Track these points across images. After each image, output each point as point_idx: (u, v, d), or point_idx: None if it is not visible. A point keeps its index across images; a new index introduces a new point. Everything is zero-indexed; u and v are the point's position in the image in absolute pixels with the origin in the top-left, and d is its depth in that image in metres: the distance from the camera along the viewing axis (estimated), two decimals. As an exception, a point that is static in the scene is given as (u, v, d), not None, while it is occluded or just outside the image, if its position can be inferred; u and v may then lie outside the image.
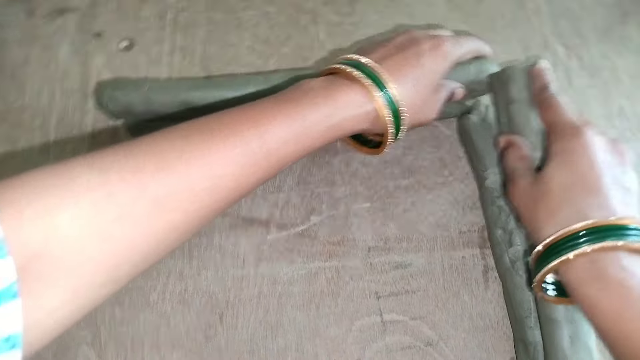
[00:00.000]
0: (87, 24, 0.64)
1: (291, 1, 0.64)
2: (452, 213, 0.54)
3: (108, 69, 0.61)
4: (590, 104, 0.58)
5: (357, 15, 0.63)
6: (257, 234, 0.54)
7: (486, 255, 0.52)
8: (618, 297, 0.36)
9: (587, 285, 0.37)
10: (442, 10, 0.63)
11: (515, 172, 0.45)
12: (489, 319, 0.50)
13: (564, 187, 0.40)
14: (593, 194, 0.39)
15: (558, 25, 0.62)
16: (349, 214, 0.54)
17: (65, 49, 0.62)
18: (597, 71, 0.60)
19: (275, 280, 0.52)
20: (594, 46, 0.61)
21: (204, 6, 0.64)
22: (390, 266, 0.52)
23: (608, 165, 0.41)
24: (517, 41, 0.61)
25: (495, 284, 0.51)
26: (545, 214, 0.41)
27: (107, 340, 0.50)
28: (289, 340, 0.50)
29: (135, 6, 0.64)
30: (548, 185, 0.41)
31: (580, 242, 0.38)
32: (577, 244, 0.38)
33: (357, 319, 0.51)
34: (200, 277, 0.52)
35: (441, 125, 0.57)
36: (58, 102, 0.60)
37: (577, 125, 0.43)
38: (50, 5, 0.65)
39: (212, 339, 0.50)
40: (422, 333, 0.50)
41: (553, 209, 0.40)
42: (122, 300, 0.52)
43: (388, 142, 0.45)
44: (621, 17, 0.62)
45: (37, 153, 0.57)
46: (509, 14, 0.62)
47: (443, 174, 0.55)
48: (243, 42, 0.62)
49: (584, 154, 0.41)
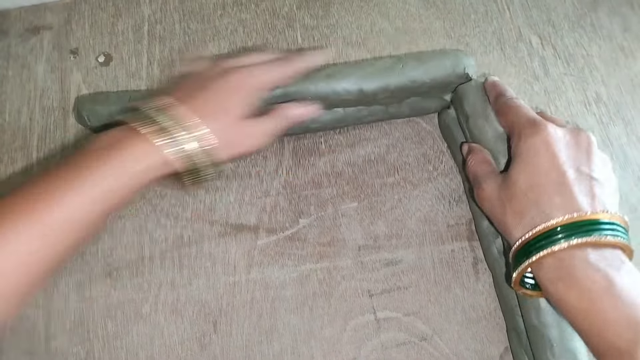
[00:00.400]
0: (62, 41, 0.63)
1: (266, 7, 0.64)
2: (439, 207, 0.54)
3: (87, 84, 0.61)
4: (567, 91, 0.59)
5: (332, 17, 0.63)
6: (246, 240, 0.54)
7: (475, 247, 0.53)
8: (584, 293, 0.36)
9: (555, 284, 0.38)
10: (416, 8, 0.63)
11: (479, 177, 0.45)
12: (482, 310, 0.51)
13: (528, 188, 0.40)
14: (558, 192, 0.39)
15: (531, 16, 0.63)
16: (337, 215, 0.54)
17: (42, 67, 0.62)
18: (572, 59, 0.60)
19: (267, 284, 0.52)
20: (567, 35, 0.62)
21: (179, 17, 0.64)
22: (381, 264, 0.52)
23: (572, 158, 0.41)
24: (492, 34, 0.62)
25: (485, 276, 0.52)
26: (513, 216, 0.41)
27: (100, 355, 0.50)
28: (284, 344, 0.50)
29: (110, 21, 0.64)
30: (513, 187, 0.41)
31: (546, 242, 0.38)
32: (543, 246, 0.38)
33: (351, 318, 0.51)
34: (192, 286, 0.52)
35: (422, 121, 0.58)
36: (38, 120, 0.59)
37: (536, 122, 0.42)
38: (24, 25, 0.64)
39: (207, 348, 0.50)
40: (416, 328, 0.50)
41: (520, 211, 0.40)
42: (114, 314, 0.51)
43: (204, 177, 0.44)
44: (591, 4, 0.63)
45: (20, 173, 0.57)
46: (482, 8, 0.63)
47: (427, 169, 0.56)
48: (221, 51, 0.62)
49: (546, 151, 0.41)
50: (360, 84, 0.50)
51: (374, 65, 0.51)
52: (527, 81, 0.59)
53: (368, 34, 0.62)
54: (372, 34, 0.62)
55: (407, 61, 0.51)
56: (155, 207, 0.55)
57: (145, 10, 0.65)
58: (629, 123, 0.57)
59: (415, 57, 0.51)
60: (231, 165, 0.56)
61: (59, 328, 0.51)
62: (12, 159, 0.58)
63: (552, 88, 0.59)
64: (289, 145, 0.57)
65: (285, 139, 0.57)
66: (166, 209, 0.55)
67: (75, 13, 0.65)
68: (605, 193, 0.40)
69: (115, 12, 0.65)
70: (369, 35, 0.62)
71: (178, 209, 0.55)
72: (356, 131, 0.57)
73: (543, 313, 0.43)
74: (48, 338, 0.51)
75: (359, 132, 0.57)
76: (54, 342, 0.51)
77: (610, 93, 0.59)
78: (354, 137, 0.57)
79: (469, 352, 0.49)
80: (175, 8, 0.65)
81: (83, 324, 0.51)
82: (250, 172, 0.56)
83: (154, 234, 0.54)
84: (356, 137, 0.57)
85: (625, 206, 0.54)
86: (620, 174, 0.55)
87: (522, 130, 0.43)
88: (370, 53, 0.61)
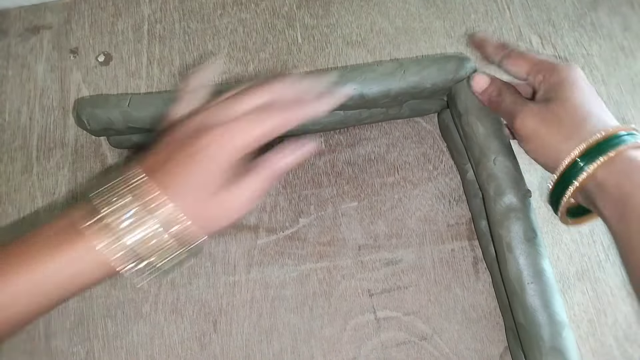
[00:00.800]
0: (62, 40, 0.63)
1: (266, 6, 0.64)
2: (438, 207, 0.54)
3: (87, 83, 0.61)
4: (568, 91, 0.59)
5: (332, 17, 0.63)
6: (246, 240, 0.54)
7: (475, 246, 0.53)
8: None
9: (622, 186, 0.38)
10: (416, 7, 0.63)
11: (517, 104, 0.45)
12: (482, 309, 0.51)
13: (581, 104, 0.41)
14: (604, 109, 0.42)
15: (531, 16, 0.63)
16: (337, 214, 0.54)
17: (42, 66, 0.62)
18: (572, 58, 0.60)
19: (267, 284, 0.52)
20: (568, 34, 0.62)
21: (178, 16, 0.64)
22: (381, 263, 0.52)
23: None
24: (492, 33, 0.62)
25: (485, 275, 0.52)
26: (569, 129, 0.41)
27: (101, 354, 0.50)
28: (284, 344, 0.50)
29: (110, 20, 0.64)
30: (564, 105, 0.42)
31: (619, 140, 0.38)
32: (616, 143, 0.38)
33: (351, 318, 0.51)
34: (192, 286, 0.52)
35: (422, 121, 0.58)
36: (38, 120, 0.59)
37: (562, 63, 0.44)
38: (24, 24, 0.64)
39: (207, 347, 0.50)
40: (416, 328, 0.50)
41: (577, 123, 0.41)
42: (114, 313, 0.51)
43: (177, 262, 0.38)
44: (592, 3, 0.63)
45: (19, 172, 0.57)
46: (482, 7, 0.63)
47: (427, 168, 0.56)
48: (221, 50, 0.62)
49: (584, 81, 0.43)
50: (361, 89, 0.50)
51: (375, 71, 0.51)
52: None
53: (368, 33, 0.62)
54: (372, 34, 0.62)
55: (408, 66, 0.51)
56: (155, 207, 0.55)
57: (145, 9, 0.65)
58: (629, 122, 0.57)
59: (417, 62, 0.51)
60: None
61: (59, 328, 0.51)
62: (11, 158, 0.58)
63: (552, 87, 0.59)
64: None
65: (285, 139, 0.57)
66: (166, 208, 0.55)
67: (75, 12, 0.65)
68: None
69: (115, 11, 0.65)
70: (369, 35, 0.62)
71: (178, 208, 0.55)
72: (356, 131, 0.57)
73: (530, 312, 0.44)
74: (48, 337, 0.51)
75: (359, 131, 0.57)
76: (54, 342, 0.51)
77: (610, 92, 0.59)
78: (354, 137, 0.57)
79: (469, 352, 0.49)
80: (175, 7, 0.65)
81: (83, 324, 0.51)
82: (250, 171, 0.56)
83: (154, 234, 0.54)
84: (356, 136, 0.57)
85: (625, 206, 0.54)
86: (621, 174, 0.55)
87: (555, 65, 0.44)
88: (370, 53, 0.61)
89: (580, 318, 0.50)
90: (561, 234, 0.53)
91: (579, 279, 0.51)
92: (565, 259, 0.52)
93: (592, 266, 0.52)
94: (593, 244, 0.53)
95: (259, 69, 0.61)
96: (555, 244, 0.53)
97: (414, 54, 0.61)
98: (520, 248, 0.45)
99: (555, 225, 0.53)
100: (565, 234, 0.53)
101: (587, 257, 0.52)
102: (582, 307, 0.51)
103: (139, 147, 0.56)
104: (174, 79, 0.61)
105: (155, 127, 0.51)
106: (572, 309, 0.50)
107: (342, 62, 0.61)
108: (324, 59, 0.61)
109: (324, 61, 0.61)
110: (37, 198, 0.56)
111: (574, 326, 0.50)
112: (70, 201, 0.55)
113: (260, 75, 0.60)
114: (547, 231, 0.53)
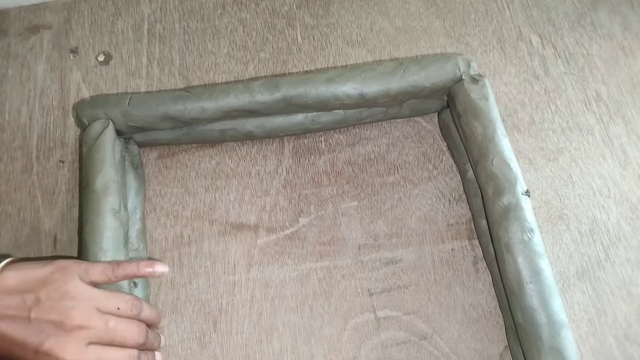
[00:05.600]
0: (62, 40, 0.63)
1: (266, 6, 0.64)
2: (439, 207, 0.54)
3: (87, 83, 0.61)
4: (568, 90, 0.59)
5: (332, 16, 0.63)
6: (246, 239, 0.54)
7: (475, 246, 0.53)
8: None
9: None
10: (416, 7, 0.63)
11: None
12: (482, 309, 0.51)
13: None
14: None
15: (531, 16, 0.63)
16: (337, 214, 0.54)
17: (42, 66, 0.62)
18: (572, 58, 0.60)
19: (267, 283, 0.52)
20: (568, 34, 0.62)
21: (178, 16, 0.64)
22: (381, 263, 0.52)
23: None
24: (492, 33, 0.62)
25: (485, 274, 0.52)
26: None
27: (101, 355, 0.50)
28: (284, 343, 0.50)
29: (110, 20, 0.64)
30: None
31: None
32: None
33: (351, 317, 0.51)
34: (191, 286, 0.52)
35: (422, 120, 0.58)
36: (38, 119, 0.59)
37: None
38: (24, 24, 0.64)
39: (207, 347, 0.50)
40: (416, 327, 0.50)
41: None
42: (114, 313, 0.51)
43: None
44: (592, 3, 0.63)
45: (19, 172, 0.57)
46: (482, 7, 0.63)
47: (427, 168, 0.56)
48: (221, 50, 0.62)
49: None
50: (361, 88, 0.50)
51: (375, 70, 0.51)
52: (527, 80, 0.59)
53: (368, 33, 0.62)
54: (372, 33, 0.62)
55: (408, 66, 0.51)
56: (155, 207, 0.55)
57: (145, 9, 0.65)
58: (629, 122, 0.57)
59: (416, 62, 0.51)
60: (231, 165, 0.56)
61: (58, 327, 0.51)
62: (11, 158, 0.58)
63: (553, 87, 0.59)
64: (289, 145, 0.57)
65: (286, 139, 0.57)
66: (166, 208, 0.55)
67: (75, 12, 0.65)
68: None
69: (115, 11, 0.65)
70: (369, 35, 0.62)
71: (178, 208, 0.55)
72: (356, 130, 0.57)
73: (528, 312, 0.44)
74: (48, 337, 0.51)
75: (359, 131, 0.57)
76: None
77: (610, 92, 0.59)
78: (354, 136, 0.57)
79: (469, 351, 0.49)
80: (175, 7, 0.65)
81: (83, 323, 0.51)
82: (250, 171, 0.56)
83: (153, 233, 0.54)
84: (356, 136, 0.57)
85: (625, 205, 0.54)
86: (621, 173, 0.55)
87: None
88: (370, 52, 0.61)
89: (580, 317, 0.50)
90: (561, 234, 0.53)
91: (579, 279, 0.51)
92: (565, 259, 0.52)
93: (592, 266, 0.52)
94: (593, 244, 0.53)
95: (259, 68, 0.61)
96: (555, 243, 0.53)
97: (414, 54, 0.61)
98: (519, 248, 0.45)
99: (555, 224, 0.53)
100: (565, 233, 0.53)
101: (587, 256, 0.52)
102: (582, 307, 0.51)
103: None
104: (174, 79, 0.61)
105: (156, 125, 0.52)
106: (572, 308, 0.50)
107: (342, 61, 0.61)
108: (324, 59, 0.61)
109: (324, 61, 0.61)
110: (37, 198, 0.56)
111: (574, 325, 0.50)
112: (70, 201, 0.55)
113: (260, 76, 0.60)
114: (547, 231, 0.53)
